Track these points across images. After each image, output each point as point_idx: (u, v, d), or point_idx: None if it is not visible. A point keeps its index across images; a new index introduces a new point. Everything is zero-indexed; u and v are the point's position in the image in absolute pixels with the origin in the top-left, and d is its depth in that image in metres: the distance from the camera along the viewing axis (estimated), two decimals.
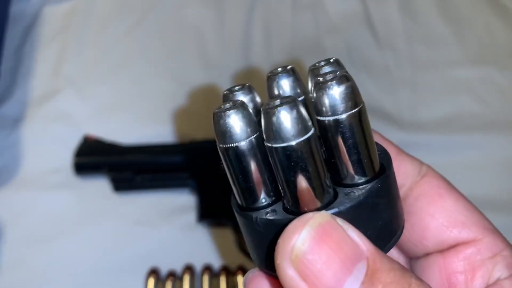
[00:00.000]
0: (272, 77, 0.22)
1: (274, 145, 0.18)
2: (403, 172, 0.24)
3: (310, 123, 0.18)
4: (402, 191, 0.25)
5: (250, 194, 0.20)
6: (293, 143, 0.17)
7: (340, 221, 0.18)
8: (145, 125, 0.59)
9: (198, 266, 0.50)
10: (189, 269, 0.50)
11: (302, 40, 0.65)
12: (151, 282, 0.49)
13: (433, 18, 0.67)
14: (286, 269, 0.17)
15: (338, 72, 0.18)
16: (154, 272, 0.50)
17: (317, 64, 0.21)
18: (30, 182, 0.56)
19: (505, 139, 0.57)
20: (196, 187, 0.54)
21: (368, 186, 0.19)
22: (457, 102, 0.60)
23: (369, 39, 0.65)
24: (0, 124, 0.59)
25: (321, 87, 0.18)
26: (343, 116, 0.18)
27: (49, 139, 0.58)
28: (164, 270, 0.50)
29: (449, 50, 0.64)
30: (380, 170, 0.20)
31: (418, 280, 0.17)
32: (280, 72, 0.21)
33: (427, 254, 0.25)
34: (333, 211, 0.18)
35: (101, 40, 0.65)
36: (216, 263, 0.50)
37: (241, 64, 0.64)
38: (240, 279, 0.48)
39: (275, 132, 0.17)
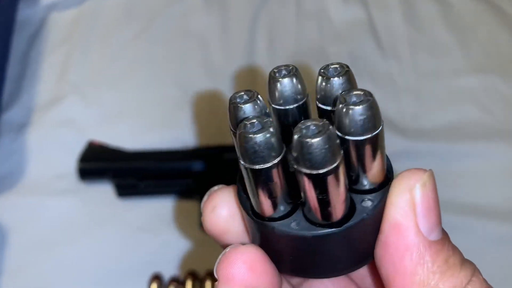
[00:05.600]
0: (275, 78, 0.21)
1: (311, 172, 0.17)
2: None
3: (341, 151, 0.18)
4: None
5: (271, 205, 0.20)
6: (323, 171, 0.17)
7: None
8: (149, 131, 0.60)
9: (201, 272, 0.50)
10: (191, 275, 0.50)
11: (306, 48, 0.66)
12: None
13: (437, 27, 0.67)
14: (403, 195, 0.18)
15: (363, 94, 0.18)
16: (157, 277, 0.50)
17: (323, 71, 0.20)
18: (34, 188, 0.56)
19: (509, 147, 0.57)
20: (199, 193, 0.54)
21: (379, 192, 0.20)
22: (461, 110, 0.60)
23: (373, 48, 0.66)
24: (6, 130, 0.60)
25: (346, 108, 0.18)
26: (362, 138, 0.18)
27: (54, 144, 0.58)
28: (167, 276, 0.50)
29: (452, 59, 0.65)
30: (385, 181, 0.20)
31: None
32: (284, 76, 0.21)
33: None
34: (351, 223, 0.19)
35: (107, 46, 0.66)
36: None
37: (245, 71, 0.64)
38: None
39: (309, 159, 0.17)
